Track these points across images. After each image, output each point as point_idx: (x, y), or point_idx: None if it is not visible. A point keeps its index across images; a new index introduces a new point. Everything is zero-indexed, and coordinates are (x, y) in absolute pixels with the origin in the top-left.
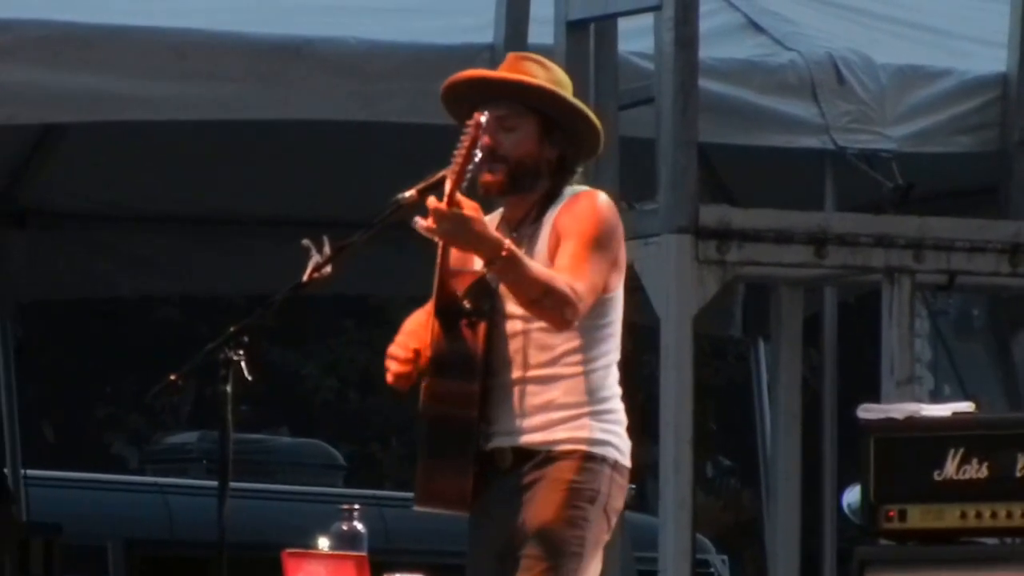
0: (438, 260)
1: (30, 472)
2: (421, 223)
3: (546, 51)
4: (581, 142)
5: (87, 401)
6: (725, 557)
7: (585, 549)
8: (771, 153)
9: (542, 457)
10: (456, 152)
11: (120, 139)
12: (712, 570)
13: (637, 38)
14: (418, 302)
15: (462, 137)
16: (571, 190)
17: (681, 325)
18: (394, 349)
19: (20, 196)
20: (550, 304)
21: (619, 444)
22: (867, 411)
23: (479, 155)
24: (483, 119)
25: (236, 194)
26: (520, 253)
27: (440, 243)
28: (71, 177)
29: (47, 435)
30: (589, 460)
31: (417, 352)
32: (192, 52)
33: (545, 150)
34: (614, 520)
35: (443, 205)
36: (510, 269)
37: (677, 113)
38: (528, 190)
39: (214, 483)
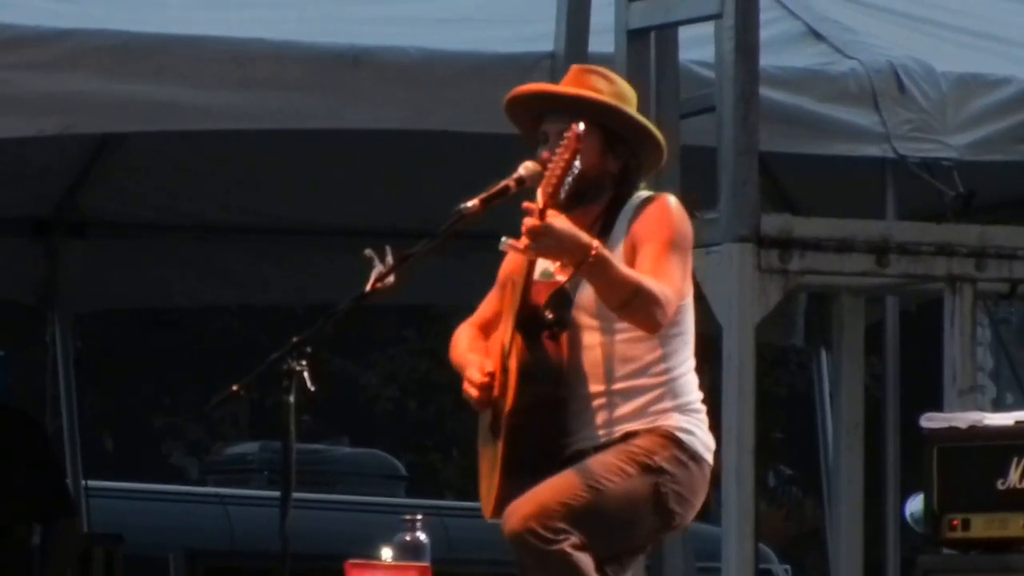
0: (524, 271)
1: (91, 483)
2: (513, 243)
3: (606, 60)
4: (644, 155)
5: (146, 411)
6: (788, 567)
7: (606, 491)
8: (831, 162)
9: (619, 437)
10: (552, 163)
11: (179, 148)
12: None
13: (698, 47)
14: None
15: (558, 148)
16: (638, 195)
17: (743, 334)
18: (472, 374)
19: (79, 206)
20: (640, 305)
21: (703, 438)
22: (930, 420)
23: (578, 167)
24: (581, 129)
25: (296, 204)
26: (608, 254)
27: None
28: (130, 187)
29: (106, 446)
30: (663, 438)
31: (492, 375)
32: (251, 61)
33: (608, 163)
34: (679, 509)
35: (537, 222)
36: (600, 271)
37: (738, 122)
38: (591, 202)
39: (274, 493)
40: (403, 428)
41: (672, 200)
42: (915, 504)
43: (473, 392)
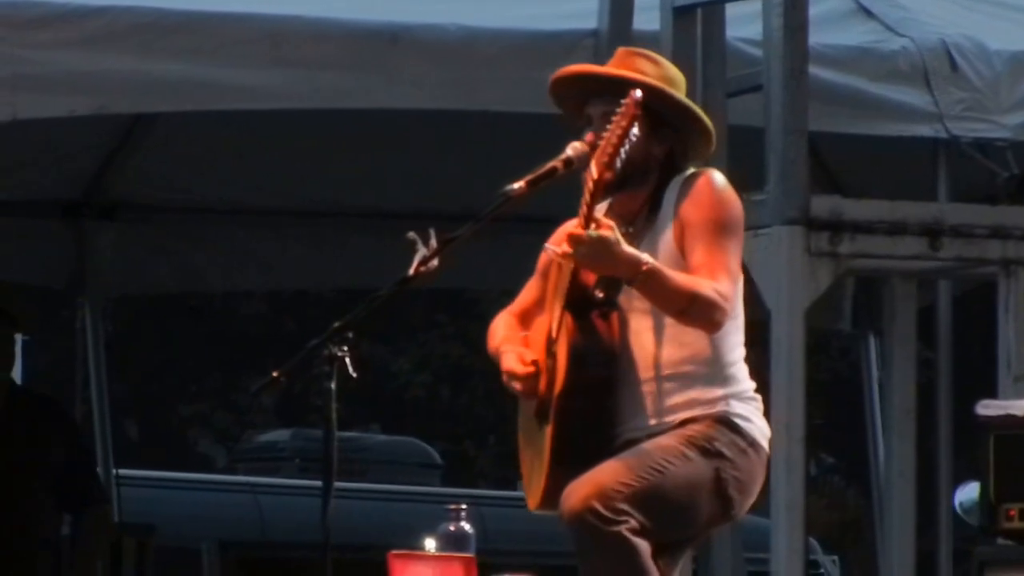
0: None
1: (121, 472)
2: (555, 250)
3: (651, 37)
4: (691, 140)
5: (171, 398)
6: (836, 558)
7: (667, 474)
8: (878, 142)
9: (674, 424)
10: (608, 131)
11: (211, 129)
12: (822, 571)
13: (745, 24)
14: (512, 295)
15: (615, 116)
16: (683, 173)
17: (793, 319)
18: (514, 365)
19: (109, 188)
20: (698, 311)
21: (760, 425)
22: (986, 408)
23: (636, 135)
24: (639, 96)
25: (330, 186)
26: (659, 266)
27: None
28: (161, 169)
29: (130, 434)
30: (720, 424)
31: (536, 363)
32: (287, 39)
33: (654, 147)
34: (738, 496)
35: (581, 231)
36: (653, 285)
37: (787, 101)
38: (637, 186)
39: (306, 482)
40: (435, 415)
41: (718, 177)
42: (964, 493)
43: (517, 384)
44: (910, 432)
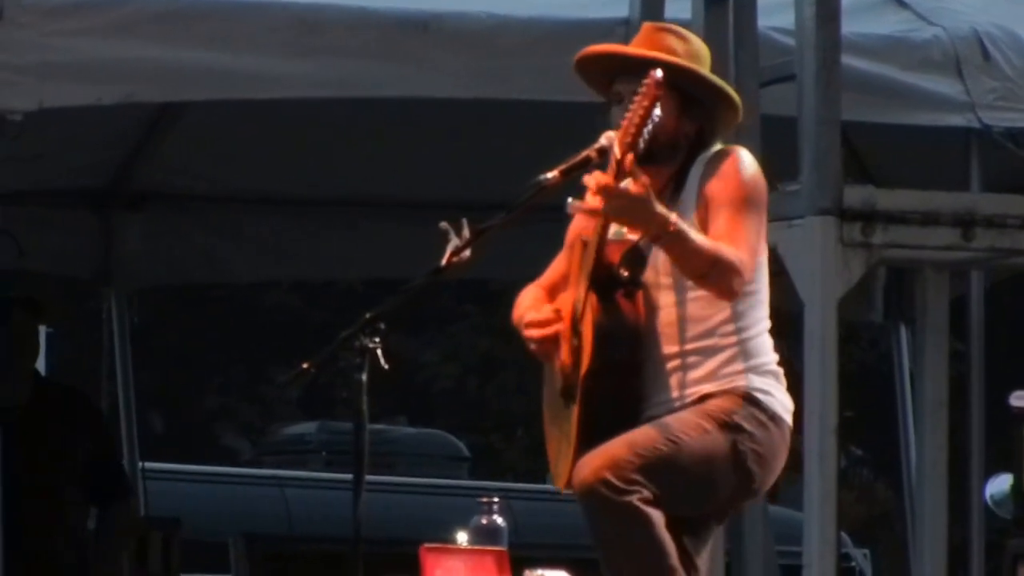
0: (598, 229)
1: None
2: (580, 204)
3: (683, 26)
4: (719, 116)
5: (195, 391)
6: (867, 551)
7: (683, 445)
8: (911, 131)
9: (695, 398)
10: (630, 111)
11: (239, 118)
12: (853, 564)
13: (777, 13)
14: None
15: (635, 97)
16: (709, 150)
17: (826, 310)
18: (531, 316)
19: (136, 178)
20: (717, 275)
21: (781, 398)
22: (1020, 399)
23: (659, 115)
24: (659, 76)
25: (358, 175)
26: (686, 226)
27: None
28: (189, 158)
29: (154, 426)
30: (740, 397)
31: (558, 312)
32: (316, 28)
33: (683, 124)
34: (758, 470)
35: (611, 182)
36: (679, 244)
37: (820, 90)
38: (665, 163)
39: (333, 476)
40: (461, 407)
41: (744, 154)
42: (995, 486)
43: (534, 332)
44: (943, 424)
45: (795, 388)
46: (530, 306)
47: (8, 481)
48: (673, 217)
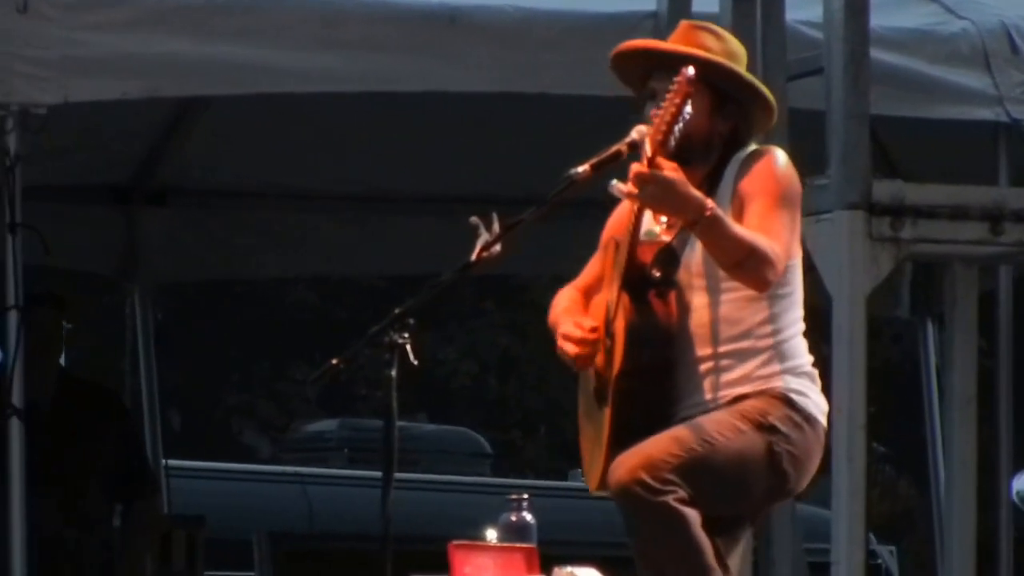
0: (630, 229)
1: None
2: (620, 187)
3: (710, 19)
4: (754, 115)
5: (214, 388)
6: (893, 548)
7: (718, 446)
8: (939, 125)
9: (729, 399)
10: (661, 108)
11: (262, 113)
12: (880, 561)
13: (805, 6)
14: (562, 281)
15: (667, 94)
16: (745, 149)
17: (854, 305)
18: (569, 329)
19: (160, 173)
20: (752, 265)
21: (816, 400)
22: None
23: (689, 112)
24: (691, 73)
25: (385, 170)
26: (722, 214)
27: (633, 212)
28: (212, 153)
29: (173, 423)
30: (775, 399)
31: (595, 329)
32: (341, 21)
33: (717, 123)
34: (793, 471)
35: (645, 168)
36: (714, 230)
37: (848, 84)
38: (699, 162)
39: (355, 473)
40: (481, 404)
41: (780, 154)
42: (1022, 482)
43: (570, 348)
44: (971, 420)
45: (823, 383)
46: (566, 309)
47: (32, 477)
48: (710, 202)
